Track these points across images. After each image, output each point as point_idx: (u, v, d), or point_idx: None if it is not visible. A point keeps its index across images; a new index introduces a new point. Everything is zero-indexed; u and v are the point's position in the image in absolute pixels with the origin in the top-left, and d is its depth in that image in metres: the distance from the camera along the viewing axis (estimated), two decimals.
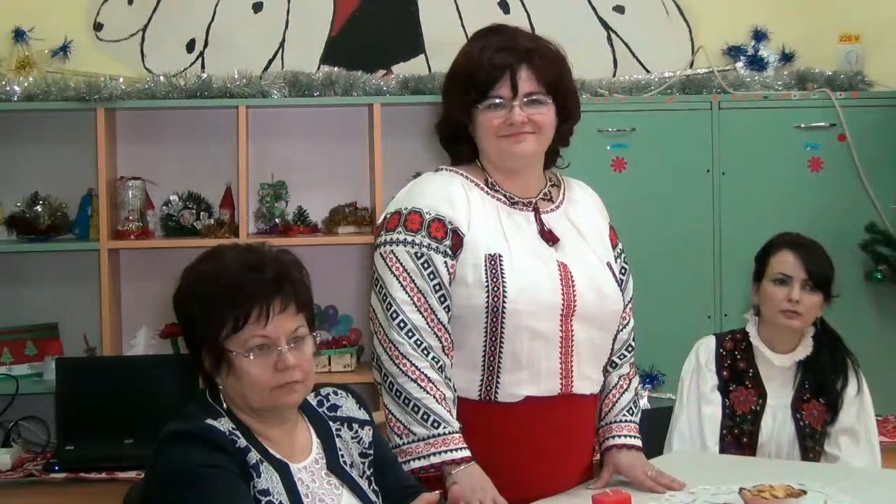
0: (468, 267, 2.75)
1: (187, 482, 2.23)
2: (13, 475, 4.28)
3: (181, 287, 2.38)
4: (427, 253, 2.74)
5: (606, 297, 2.86)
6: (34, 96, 4.59)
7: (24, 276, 4.81)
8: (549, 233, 2.84)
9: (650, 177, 4.62)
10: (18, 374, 4.64)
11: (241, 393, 2.33)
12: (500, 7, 5.01)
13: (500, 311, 2.73)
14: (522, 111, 2.76)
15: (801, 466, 3.24)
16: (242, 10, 4.99)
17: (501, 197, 2.84)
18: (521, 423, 2.79)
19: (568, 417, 2.84)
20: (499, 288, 2.73)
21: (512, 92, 2.76)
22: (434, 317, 2.72)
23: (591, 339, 2.85)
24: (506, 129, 2.77)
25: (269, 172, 4.81)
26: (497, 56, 2.78)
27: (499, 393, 2.78)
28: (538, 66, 2.78)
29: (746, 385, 3.42)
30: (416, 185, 2.87)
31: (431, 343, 2.71)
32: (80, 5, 4.94)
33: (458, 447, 2.67)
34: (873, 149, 4.68)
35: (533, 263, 2.78)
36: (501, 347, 2.76)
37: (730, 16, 5.01)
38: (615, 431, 2.94)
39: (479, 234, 2.77)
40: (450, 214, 2.77)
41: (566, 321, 2.79)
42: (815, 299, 3.35)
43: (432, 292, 2.73)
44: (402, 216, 2.78)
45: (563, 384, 2.81)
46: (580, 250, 2.87)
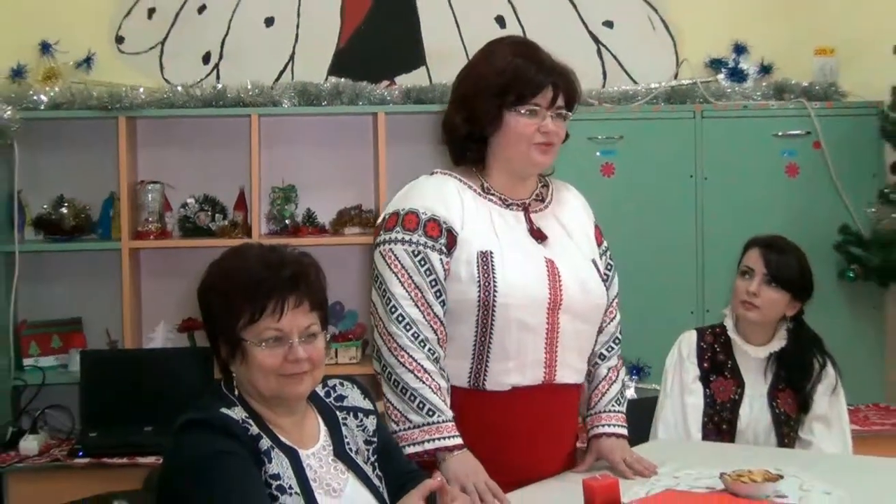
0: (461, 264, 2.76)
1: (202, 467, 2.23)
2: (40, 460, 4.28)
3: (205, 280, 2.40)
4: (423, 251, 2.75)
5: (591, 292, 2.88)
6: (59, 105, 4.60)
7: (50, 274, 4.81)
8: (538, 231, 2.86)
9: (637, 182, 4.62)
10: (45, 365, 4.65)
11: (251, 380, 2.34)
12: (497, 22, 5.00)
13: (490, 304, 2.75)
14: (554, 123, 2.81)
15: (778, 453, 3.25)
16: (255, 25, 5.00)
17: (494, 199, 2.86)
18: (507, 411, 2.80)
19: (551, 405, 2.86)
20: (490, 283, 2.75)
21: (550, 103, 2.81)
22: (430, 311, 2.74)
23: (576, 332, 2.86)
24: (539, 137, 2.80)
25: (280, 177, 4.81)
26: (543, 68, 2.83)
27: (487, 381, 2.80)
28: (571, 87, 2.86)
29: (726, 376, 3.43)
30: (412, 187, 2.88)
31: (428, 335, 2.73)
32: (103, 20, 4.94)
33: (451, 435, 2.70)
34: (846, 155, 4.68)
35: (522, 260, 2.79)
36: (491, 338, 2.77)
37: (712, 30, 5.01)
38: (604, 420, 2.96)
39: (472, 233, 2.79)
40: (444, 214, 2.78)
41: (553, 314, 2.80)
42: (774, 295, 3.35)
43: (429, 288, 2.74)
44: (399, 216, 2.79)
45: (546, 374, 2.83)
46: (567, 248, 2.88)
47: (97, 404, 4.42)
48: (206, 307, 2.39)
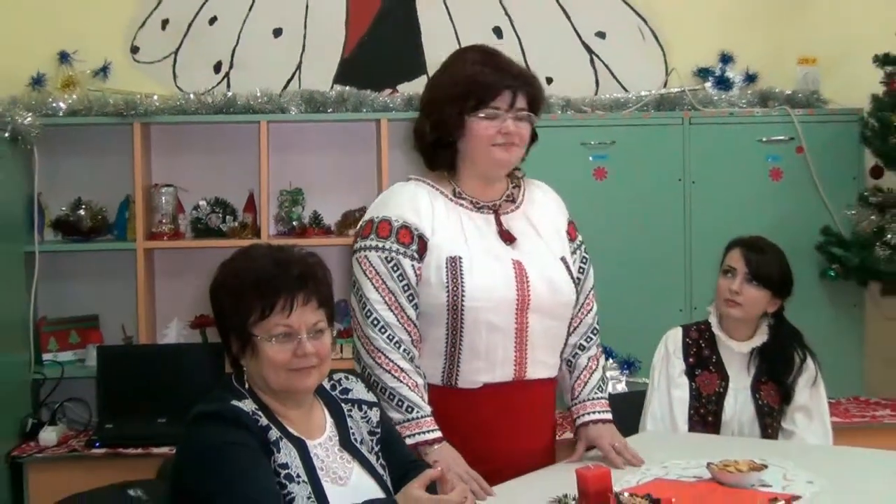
0: (431, 269, 2.78)
1: (214, 457, 2.24)
2: (58, 450, 4.28)
3: (217, 278, 2.40)
4: (396, 257, 2.77)
5: (558, 291, 2.88)
6: (77, 112, 4.61)
7: (68, 273, 4.81)
8: (506, 233, 2.86)
9: (628, 185, 4.62)
10: (63, 360, 4.65)
11: (262, 374, 2.35)
12: (495, 32, 5.01)
13: (459, 308, 2.76)
14: (514, 124, 2.80)
15: (762, 444, 3.25)
16: (264, 35, 5.00)
17: (466, 203, 2.86)
18: (479, 406, 2.82)
19: (523, 400, 2.87)
20: (458, 287, 2.76)
21: (509, 106, 2.79)
22: (404, 314, 2.76)
23: (546, 329, 2.87)
24: (500, 139, 2.80)
25: (288, 180, 4.81)
26: (501, 73, 2.81)
27: (459, 380, 2.82)
28: (528, 89, 2.83)
29: (710, 370, 3.43)
30: (386, 195, 2.91)
31: (402, 337, 2.75)
32: (119, 30, 4.94)
33: (430, 429, 2.72)
34: (828, 160, 4.68)
35: (489, 264, 2.80)
36: (461, 340, 2.79)
37: (699, 41, 5.02)
38: (588, 409, 2.96)
39: (442, 239, 2.80)
40: (415, 222, 2.79)
41: (521, 314, 2.81)
42: (756, 293, 3.36)
43: (401, 292, 2.76)
44: (374, 224, 2.82)
45: (517, 371, 2.84)
46: (536, 248, 2.89)
47: (113, 397, 4.42)
48: (218, 304, 2.40)
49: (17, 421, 4.41)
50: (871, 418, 4.44)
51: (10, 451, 4.26)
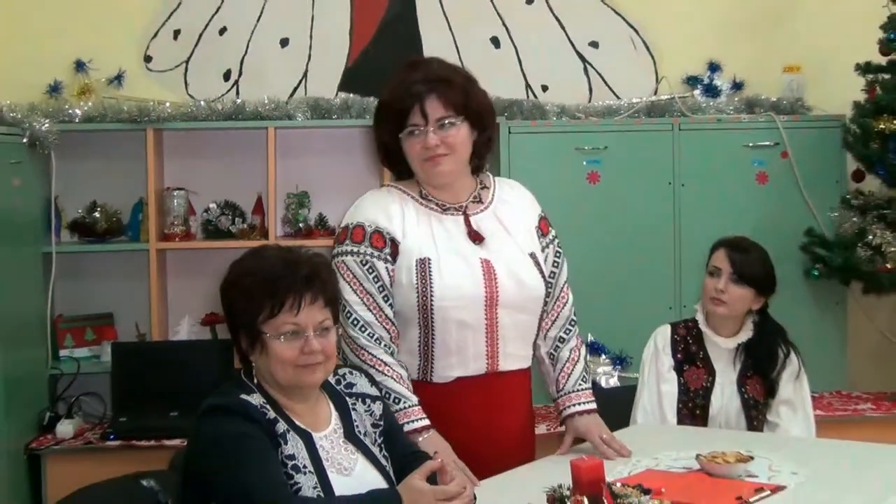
0: (403, 271, 2.79)
1: (224, 449, 2.24)
2: (75, 443, 4.29)
3: (227, 278, 2.40)
4: (371, 260, 2.78)
5: (526, 285, 2.87)
6: (93, 118, 4.61)
7: (84, 273, 4.82)
8: (475, 233, 2.85)
9: (620, 188, 4.62)
10: (79, 356, 4.65)
11: (270, 370, 2.35)
12: (492, 42, 5.01)
13: (429, 307, 2.77)
14: (436, 135, 2.78)
15: (749, 436, 3.25)
16: (271, 45, 5.00)
17: (434, 205, 2.87)
18: (453, 399, 2.83)
19: (497, 391, 2.87)
20: (427, 288, 2.77)
21: (423, 119, 2.78)
22: (382, 313, 2.77)
23: (516, 323, 2.87)
24: (425, 153, 2.79)
25: (294, 184, 4.81)
26: (408, 89, 2.79)
27: (433, 375, 2.83)
28: (444, 93, 2.79)
29: (698, 365, 3.43)
30: (360, 202, 2.91)
31: (382, 335, 2.77)
32: (132, 40, 4.94)
33: (417, 418, 2.73)
34: (812, 164, 4.69)
35: (457, 264, 2.80)
36: (433, 338, 2.80)
37: (688, 50, 5.02)
38: (573, 401, 2.96)
39: (413, 242, 2.80)
40: (387, 226, 2.80)
41: (490, 310, 2.81)
42: (741, 292, 3.36)
43: (378, 293, 2.78)
44: (349, 230, 2.83)
45: (489, 364, 2.84)
46: (504, 245, 2.88)
47: (127, 392, 4.43)
48: (229, 302, 2.40)
49: (35, 414, 4.41)
50: (853, 412, 4.43)
51: (28, 443, 4.26)
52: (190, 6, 4.98)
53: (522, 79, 5.01)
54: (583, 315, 4.43)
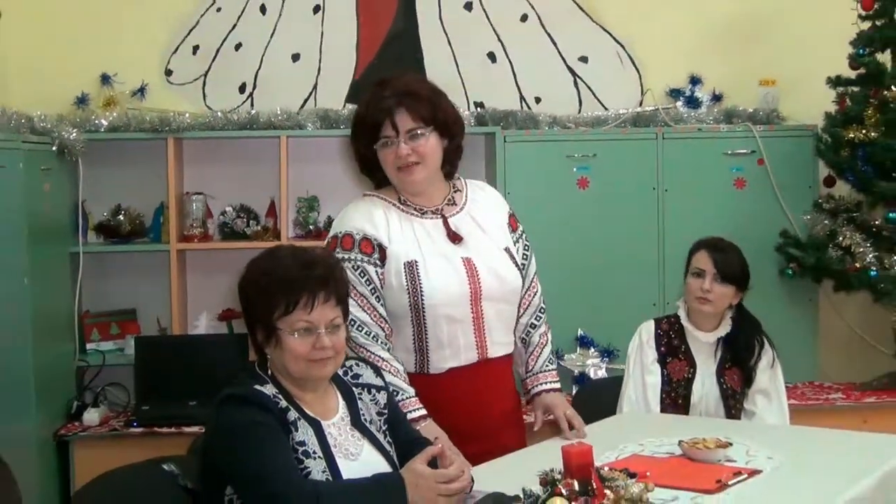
0: (392, 274, 2.81)
1: (239, 435, 2.24)
2: (100, 430, 4.29)
3: (245, 276, 2.40)
4: (361, 265, 2.79)
5: (504, 279, 2.90)
6: (117, 128, 4.61)
7: (109, 272, 4.81)
8: (454, 234, 2.87)
9: (608, 193, 4.62)
10: (105, 349, 4.65)
11: (283, 363, 2.35)
12: (489, 57, 5.01)
13: (420, 306, 2.80)
14: (406, 145, 2.80)
15: (728, 424, 3.25)
16: (283, 60, 5.00)
17: (413, 210, 2.88)
18: (449, 388, 2.85)
19: (487, 376, 2.90)
20: (417, 289, 2.79)
21: (394, 131, 2.80)
22: (376, 312, 2.80)
23: (499, 313, 2.90)
24: (398, 162, 2.81)
25: (305, 189, 4.81)
26: (378, 104, 2.82)
27: (429, 367, 2.85)
28: (412, 106, 2.81)
29: (680, 358, 3.43)
30: (346, 212, 2.92)
31: (377, 332, 2.79)
32: (154, 55, 4.94)
33: (415, 408, 2.76)
34: (786, 171, 4.68)
35: (442, 264, 2.82)
36: (426, 334, 2.82)
37: (671, 64, 5.01)
38: (542, 380, 3.02)
39: (398, 246, 2.82)
40: (373, 233, 2.82)
41: (475, 304, 2.84)
42: (724, 290, 3.36)
43: (370, 294, 2.80)
44: (338, 239, 2.84)
45: (479, 353, 2.87)
46: (481, 243, 2.90)
47: (149, 382, 4.43)
48: (246, 299, 2.40)
49: (64, 403, 4.42)
50: (824, 401, 4.43)
51: (57, 430, 4.26)
52: (208, 24, 4.98)
53: (517, 91, 5.00)
54: (572, 310, 4.48)
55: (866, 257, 4.34)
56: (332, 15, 5.01)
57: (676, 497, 2.36)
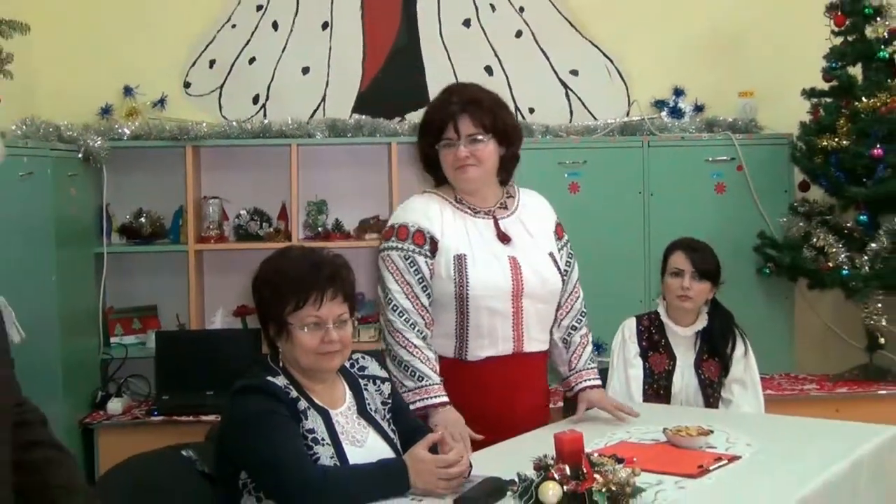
0: (441, 265, 2.82)
1: (253, 423, 2.24)
2: (123, 418, 4.29)
3: (259, 275, 2.41)
4: (412, 255, 2.80)
5: (546, 280, 2.91)
6: (139, 137, 4.61)
7: (132, 271, 4.81)
8: (503, 234, 2.88)
9: (597, 197, 4.62)
10: (128, 343, 4.65)
11: (294, 356, 2.35)
12: (486, 71, 5.01)
13: (465, 296, 2.80)
14: (466, 148, 2.83)
15: (709, 413, 3.26)
16: (294, 73, 5.00)
17: (467, 209, 2.89)
18: (484, 375, 2.85)
19: (521, 370, 2.90)
20: (463, 280, 2.79)
21: (456, 134, 2.83)
22: (418, 301, 2.79)
23: (537, 312, 2.90)
24: (456, 162, 2.83)
25: (314, 193, 4.81)
26: (445, 108, 2.86)
27: (467, 354, 2.85)
28: (475, 113, 2.84)
29: (660, 351, 3.44)
30: (405, 205, 2.94)
31: (417, 320, 2.77)
32: (174, 68, 4.94)
33: (437, 395, 2.75)
34: (763, 177, 4.68)
35: (489, 260, 2.83)
36: (468, 322, 2.82)
37: (656, 77, 5.01)
38: (584, 377, 3.01)
39: (450, 240, 2.83)
40: (428, 226, 2.83)
41: (517, 300, 2.84)
42: (702, 286, 3.38)
43: (417, 283, 2.80)
44: (395, 229, 2.85)
45: (515, 346, 2.87)
46: (527, 246, 2.91)
47: (169, 374, 4.43)
48: (259, 296, 2.40)
49: (89, 393, 4.41)
50: (799, 391, 4.43)
51: (82, 418, 4.27)
52: (223, 39, 4.98)
53: (512, 102, 4.99)
54: None
55: (838, 257, 4.34)
56: (340, 31, 5.01)
57: (661, 481, 2.36)
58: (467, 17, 5.05)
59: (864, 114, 4.33)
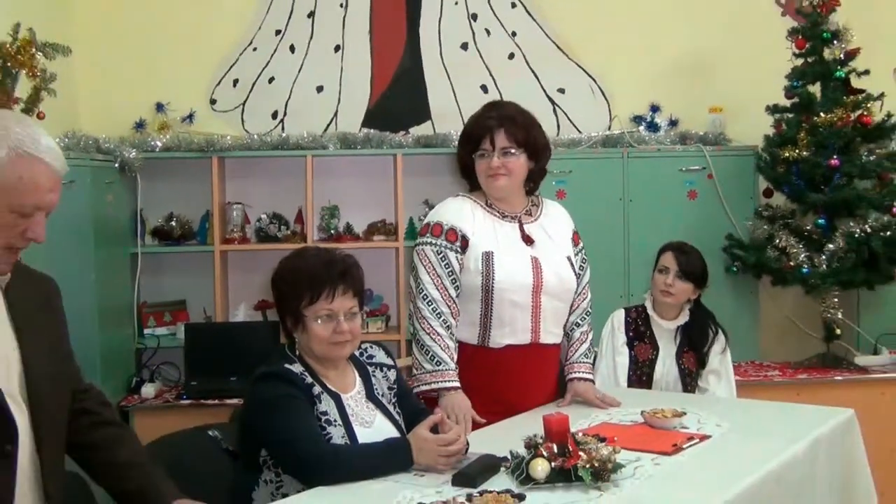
0: (471, 260, 2.81)
1: (272, 406, 2.25)
2: (155, 402, 4.29)
3: (277, 272, 2.41)
4: (444, 251, 2.80)
5: (564, 280, 2.91)
6: (170, 148, 4.60)
7: (163, 269, 4.81)
8: (527, 237, 2.89)
9: (582, 203, 4.58)
10: (159, 334, 4.65)
11: (309, 345, 2.35)
12: (482, 89, 5.01)
13: (490, 289, 2.79)
14: (499, 159, 2.83)
15: (683, 397, 3.25)
16: (309, 91, 5.00)
17: (496, 213, 2.89)
18: (504, 361, 2.85)
19: (536, 359, 2.90)
20: (490, 275, 2.79)
21: (491, 146, 2.83)
22: (447, 293, 2.78)
23: (554, 308, 2.90)
24: (489, 171, 2.83)
25: (327, 199, 4.81)
26: (483, 122, 2.87)
27: (489, 341, 2.84)
28: (510, 129, 2.85)
29: (645, 342, 3.43)
30: (441, 206, 2.94)
31: (443, 310, 2.77)
32: (201, 87, 4.94)
33: (450, 380, 2.75)
34: (731, 184, 4.68)
35: (514, 258, 2.84)
36: (492, 313, 2.82)
37: (635, 95, 5.01)
38: (577, 369, 3.01)
39: (479, 239, 2.83)
40: (460, 226, 2.83)
41: (536, 296, 2.84)
42: (684, 286, 3.37)
43: (447, 276, 2.79)
44: (430, 226, 2.85)
45: (533, 336, 2.87)
46: (548, 248, 2.92)
47: (196, 362, 4.42)
48: (277, 291, 2.40)
49: (125, 379, 4.41)
50: (763, 377, 4.42)
51: (119, 402, 4.26)
52: (246, 61, 4.98)
53: None
54: None
55: (799, 257, 4.34)
56: (350, 54, 5.01)
57: (639, 458, 2.36)
58: (465, 41, 5.05)
59: (822, 128, 4.33)
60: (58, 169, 1.86)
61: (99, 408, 2.05)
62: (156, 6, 4.89)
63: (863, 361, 4.48)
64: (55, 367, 1.90)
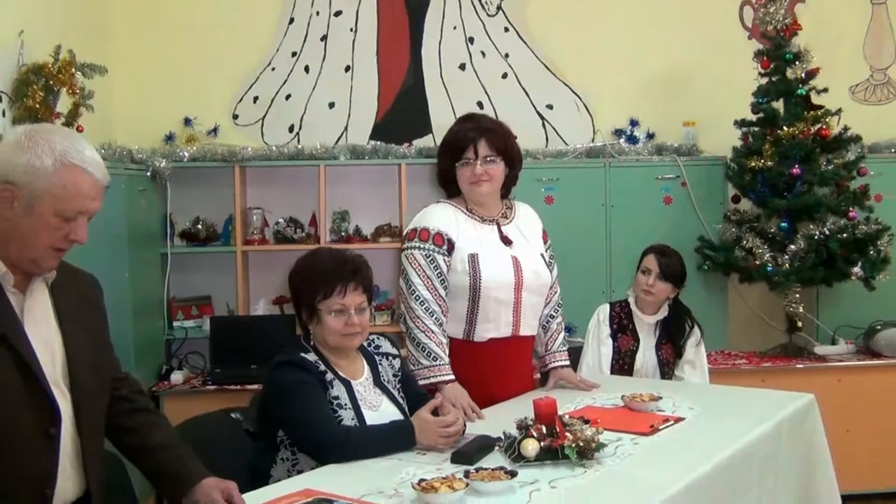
0: (458, 262, 2.79)
1: (288, 391, 2.25)
2: (183, 387, 4.29)
3: (294, 270, 2.42)
4: (432, 254, 2.77)
5: (540, 276, 2.90)
6: (197, 159, 4.60)
7: (191, 268, 4.80)
8: (506, 238, 2.87)
9: (568, 208, 4.62)
10: (187, 326, 4.64)
11: (322, 336, 2.35)
12: (478, 105, 5.01)
13: (477, 288, 2.78)
14: (482, 167, 2.80)
15: (660, 383, 3.25)
16: (322, 107, 4.99)
17: (475, 217, 2.87)
18: (488, 353, 2.84)
19: (516, 349, 2.90)
20: (477, 275, 2.77)
21: (474, 155, 2.80)
22: (437, 293, 2.76)
23: (533, 302, 2.89)
24: (472, 178, 2.81)
25: (338, 205, 4.80)
26: (466, 133, 2.83)
27: (474, 336, 2.83)
28: (491, 139, 2.82)
29: (627, 334, 3.43)
30: (426, 211, 2.91)
31: (435, 309, 2.75)
32: (224, 103, 4.94)
33: (446, 374, 2.74)
34: (703, 191, 4.68)
35: (496, 258, 2.82)
36: (477, 309, 2.80)
37: (616, 111, 5.01)
38: (557, 358, 3.03)
39: (464, 242, 2.81)
40: (446, 230, 2.80)
41: (517, 292, 2.83)
42: (664, 286, 3.36)
43: (436, 278, 2.77)
44: (417, 231, 2.83)
45: (514, 330, 2.86)
46: (525, 248, 2.90)
47: (221, 351, 4.42)
48: (294, 288, 2.41)
49: (156, 367, 4.42)
50: (731, 365, 4.43)
51: (151, 387, 4.26)
52: (265, 80, 4.97)
53: None
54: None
55: (764, 256, 4.34)
56: (359, 73, 5.01)
57: (620, 438, 2.37)
58: (463, 61, 5.05)
59: (785, 140, 4.34)
60: (100, 178, 1.86)
61: (135, 395, 2.06)
62: (185, 31, 4.89)
63: (822, 351, 4.49)
64: (95, 356, 1.91)
